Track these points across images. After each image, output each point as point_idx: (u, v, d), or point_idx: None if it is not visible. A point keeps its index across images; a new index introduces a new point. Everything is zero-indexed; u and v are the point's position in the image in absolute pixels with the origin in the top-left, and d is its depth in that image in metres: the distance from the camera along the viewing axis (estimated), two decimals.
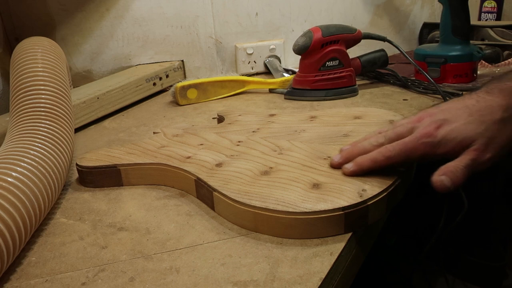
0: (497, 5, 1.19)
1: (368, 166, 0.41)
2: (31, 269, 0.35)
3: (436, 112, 0.42)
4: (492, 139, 0.39)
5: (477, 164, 0.38)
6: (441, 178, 0.38)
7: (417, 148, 0.39)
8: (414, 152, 0.40)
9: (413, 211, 0.88)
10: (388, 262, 0.93)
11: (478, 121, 0.39)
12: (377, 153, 0.41)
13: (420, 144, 0.39)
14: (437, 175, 0.38)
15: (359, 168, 0.41)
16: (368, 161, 0.41)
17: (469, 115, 0.40)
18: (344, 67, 0.77)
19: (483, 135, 0.38)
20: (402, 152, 0.40)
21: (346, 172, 0.41)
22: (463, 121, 0.39)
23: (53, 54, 0.59)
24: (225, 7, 0.93)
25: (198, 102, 0.81)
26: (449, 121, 0.40)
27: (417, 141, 0.40)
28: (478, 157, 0.38)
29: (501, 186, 0.92)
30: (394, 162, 0.40)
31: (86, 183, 0.49)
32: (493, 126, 0.39)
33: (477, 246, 0.98)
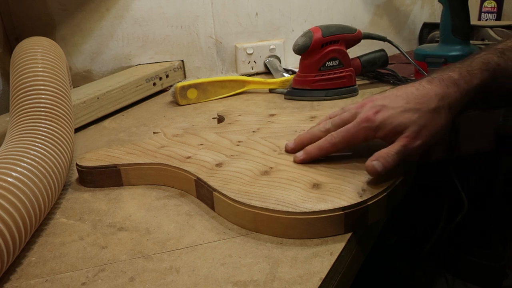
0: (497, 5, 1.18)
1: (316, 154, 0.44)
2: (31, 269, 0.35)
3: (377, 98, 0.44)
4: (424, 126, 0.41)
5: (408, 150, 0.41)
6: (373, 163, 0.40)
7: (359, 132, 0.42)
8: (356, 136, 0.43)
9: (413, 211, 0.88)
10: (388, 262, 0.93)
11: (414, 109, 0.41)
12: (323, 141, 0.44)
13: (361, 128, 0.42)
14: (369, 160, 0.40)
15: (308, 156, 0.44)
16: (316, 149, 0.44)
17: (406, 102, 0.42)
18: (344, 67, 0.77)
19: (415, 122, 0.41)
20: (345, 138, 0.43)
21: (297, 161, 0.44)
22: (400, 108, 0.42)
23: (53, 54, 0.59)
24: (225, 7, 0.93)
25: (198, 102, 0.81)
26: (387, 107, 0.42)
27: (358, 126, 0.42)
28: (408, 143, 0.40)
29: (501, 186, 0.92)
30: (340, 148, 0.43)
31: (86, 183, 0.49)
32: (426, 114, 0.41)
33: (477, 246, 0.98)
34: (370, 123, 0.42)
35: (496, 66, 0.42)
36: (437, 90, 0.42)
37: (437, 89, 0.42)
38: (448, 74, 0.43)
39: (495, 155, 0.83)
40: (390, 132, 0.41)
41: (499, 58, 0.43)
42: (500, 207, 0.94)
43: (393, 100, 0.43)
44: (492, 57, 0.43)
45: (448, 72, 0.44)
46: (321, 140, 0.44)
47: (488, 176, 0.92)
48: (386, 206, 0.39)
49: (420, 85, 0.43)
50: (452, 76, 0.43)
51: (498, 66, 0.42)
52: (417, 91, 0.43)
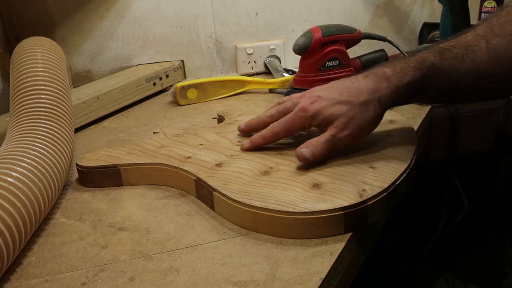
0: (497, 5, 1.18)
1: (260, 143, 0.48)
2: (31, 269, 0.35)
3: (316, 89, 0.48)
4: (353, 118, 0.43)
5: (336, 139, 0.44)
6: (302, 150, 0.43)
7: (296, 121, 0.46)
8: (294, 125, 0.46)
9: (413, 211, 0.88)
10: (388, 262, 0.93)
11: (345, 101, 0.44)
12: (266, 131, 0.48)
13: (298, 118, 0.46)
14: (299, 148, 0.44)
15: (253, 144, 0.48)
16: (259, 138, 0.48)
17: (339, 95, 0.45)
18: (344, 67, 0.77)
19: (345, 114, 0.44)
20: (285, 127, 0.47)
21: (243, 148, 0.49)
22: (333, 100, 0.45)
23: (53, 54, 0.59)
24: (225, 7, 0.93)
25: (198, 102, 0.81)
26: (322, 98, 0.45)
27: (295, 115, 0.46)
28: (337, 133, 0.44)
29: (501, 186, 0.92)
30: (281, 136, 0.48)
31: (86, 183, 0.49)
32: (356, 107, 0.44)
33: (477, 246, 0.98)
34: (305, 112, 0.45)
35: (431, 66, 0.44)
36: (369, 84, 0.45)
37: (369, 83, 0.45)
38: (383, 70, 0.46)
39: (495, 155, 0.83)
40: (322, 121, 0.45)
41: (435, 58, 0.44)
42: (500, 207, 0.94)
43: (329, 92, 0.46)
44: (429, 56, 0.45)
45: (383, 67, 0.46)
46: (264, 130, 0.49)
47: (488, 176, 0.92)
48: (386, 206, 0.39)
49: (356, 79, 0.46)
50: (386, 72, 0.45)
51: (432, 66, 0.44)
52: (351, 85, 0.46)
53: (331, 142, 0.44)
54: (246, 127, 0.52)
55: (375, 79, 0.45)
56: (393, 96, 0.44)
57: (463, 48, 0.44)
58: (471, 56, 0.43)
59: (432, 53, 0.45)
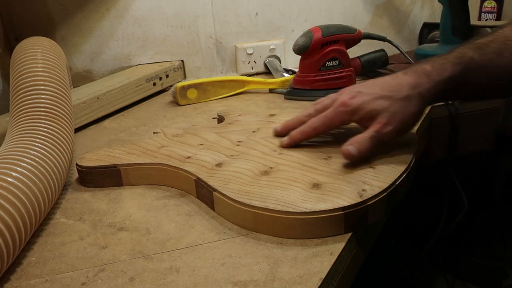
0: (497, 5, 1.18)
1: (299, 138, 0.48)
2: (31, 269, 0.35)
3: (356, 85, 0.48)
4: (395, 113, 0.43)
5: (380, 135, 0.43)
6: (348, 147, 0.43)
7: (336, 116, 0.46)
8: (334, 120, 0.46)
9: (413, 211, 0.88)
10: (388, 262, 0.93)
11: (386, 96, 0.44)
12: (305, 126, 0.48)
13: (338, 112, 0.45)
14: (345, 145, 0.43)
15: (292, 140, 0.48)
16: (299, 133, 0.48)
17: (380, 90, 0.45)
18: (344, 67, 0.77)
19: (387, 109, 0.43)
20: (325, 122, 0.46)
21: (283, 145, 0.49)
22: (374, 95, 0.45)
23: (53, 54, 0.59)
24: (225, 7, 0.93)
25: (198, 102, 0.81)
26: (363, 93, 0.45)
27: (335, 110, 0.46)
28: (381, 128, 0.43)
29: (501, 186, 0.92)
30: (320, 131, 0.47)
31: (86, 183, 0.49)
32: (398, 102, 0.44)
33: (477, 246, 0.98)
34: (346, 107, 0.45)
35: (470, 61, 0.44)
36: (409, 80, 0.45)
37: (409, 79, 0.45)
38: (422, 66, 0.46)
39: (495, 155, 0.83)
40: (364, 116, 0.44)
41: (474, 53, 0.44)
42: (500, 207, 0.94)
43: (369, 87, 0.46)
44: (467, 51, 0.45)
45: (423, 64, 0.46)
46: (303, 125, 0.48)
47: (488, 176, 0.92)
48: (386, 206, 0.39)
49: (396, 75, 0.46)
50: (426, 68, 0.45)
51: (471, 61, 0.44)
52: (392, 80, 0.46)
53: (376, 138, 0.43)
54: (283, 128, 0.51)
55: (415, 75, 0.45)
56: (434, 91, 0.44)
57: (502, 43, 0.44)
58: (510, 51, 0.43)
59: (471, 48, 0.45)
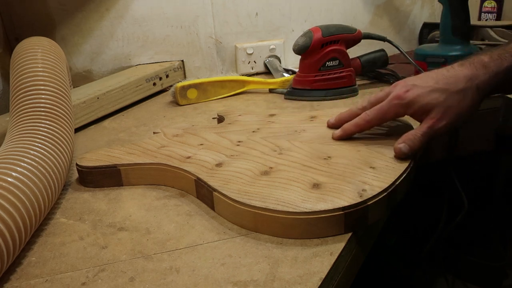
0: (497, 5, 1.18)
1: (352, 130, 0.48)
2: (31, 269, 0.35)
3: (410, 78, 0.47)
4: (450, 107, 0.43)
5: (433, 131, 0.43)
6: (400, 145, 0.43)
7: (390, 109, 0.46)
8: (388, 113, 0.46)
9: (413, 211, 0.88)
10: (388, 262, 0.93)
11: (442, 89, 0.44)
12: (359, 119, 0.48)
13: (392, 105, 0.45)
14: (397, 143, 0.43)
15: (345, 132, 0.48)
16: (352, 126, 0.48)
17: (435, 83, 0.44)
18: (344, 67, 0.77)
19: (442, 103, 0.43)
20: (378, 115, 0.46)
21: (335, 137, 0.49)
22: (429, 87, 0.44)
23: (53, 54, 0.59)
24: (225, 7, 0.93)
25: (198, 102, 0.81)
26: (417, 86, 0.45)
27: (389, 103, 0.46)
28: (434, 124, 0.43)
29: (501, 186, 0.92)
30: (374, 124, 0.47)
31: (86, 183, 0.49)
32: (453, 95, 0.43)
33: (477, 246, 0.98)
34: (400, 100, 0.45)
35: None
36: (466, 72, 0.44)
37: (466, 71, 0.44)
38: (479, 57, 0.45)
39: (495, 155, 0.83)
40: (418, 110, 0.44)
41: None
42: (500, 207, 0.94)
43: (424, 80, 0.45)
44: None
45: (479, 55, 0.45)
46: (356, 118, 0.48)
47: (488, 176, 0.92)
48: (386, 206, 0.39)
49: (452, 67, 0.46)
50: (483, 59, 0.45)
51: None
52: (447, 73, 0.45)
53: (428, 135, 0.43)
54: (336, 120, 0.51)
55: (471, 66, 0.45)
56: (492, 82, 0.44)
57: None
58: None
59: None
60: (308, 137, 0.51)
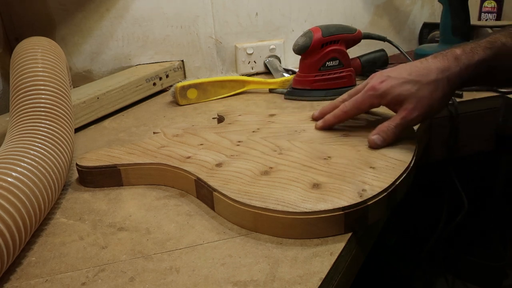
0: (497, 5, 1.18)
1: (332, 121, 0.51)
2: (31, 269, 0.35)
3: (386, 70, 0.49)
4: (422, 98, 0.44)
5: (406, 122, 0.45)
6: (373, 137, 0.44)
7: (365, 100, 0.47)
8: (363, 103, 0.48)
9: (413, 211, 0.88)
10: (388, 262, 0.93)
11: (414, 81, 0.45)
12: (338, 110, 0.50)
13: (367, 96, 0.47)
14: (371, 135, 0.45)
15: (326, 123, 0.51)
16: (331, 117, 0.51)
17: (408, 74, 0.46)
18: (344, 67, 0.77)
19: (414, 95, 0.44)
20: (355, 105, 0.48)
21: (317, 127, 0.52)
22: (402, 79, 0.46)
23: (53, 54, 0.59)
24: (225, 7, 0.93)
25: (198, 102, 0.81)
26: (391, 77, 0.46)
27: (365, 94, 0.48)
28: (407, 115, 0.45)
29: (501, 186, 0.92)
30: (351, 114, 0.49)
31: (86, 183, 0.49)
32: (425, 86, 0.45)
33: (477, 246, 0.98)
34: (374, 91, 0.47)
35: (502, 46, 0.45)
36: (438, 64, 0.45)
37: (438, 63, 0.45)
38: (453, 50, 0.46)
39: (495, 155, 0.83)
40: (391, 100, 0.46)
41: (507, 38, 0.45)
42: (500, 207, 0.94)
43: (398, 72, 0.47)
44: (500, 37, 0.45)
45: (453, 48, 0.47)
46: (336, 110, 0.51)
47: (488, 176, 0.92)
48: (386, 206, 0.39)
49: (425, 59, 0.47)
50: (456, 51, 0.46)
51: (503, 46, 0.45)
52: (420, 64, 0.47)
53: (401, 126, 0.45)
54: (320, 113, 0.54)
55: (444, 58, 0.46)
56: (463, 75, 0.45)
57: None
58: None
59: (504, 34, 0.46)
60: (308, 137, 0.51)
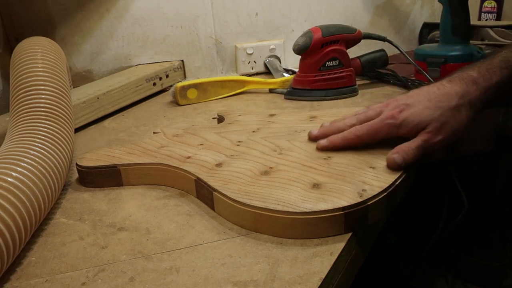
0: (497, 5, 1.19)
1: (339, 143, 0.46)
2: (31, 269, 0.35)
3: (401, 97, 0.47)
4: (445, 123, 0.43)
5: (428, 145, 0.43)
6: (393, 156, 0.42)
7: (382, 128, 0.44)
8: (379, 132, 0.45)
9: (413, 211, 0.88)
10: (388, 262, 0.93)
11: (435, 107, 0.43)
12: (348, 133, 0.46)
13: (385, 125, 0.44)
14: (391, 153, 0.42)
15: (332, 144, 0.46)
16: (340, 139, 0.46)
17: (428, 101, 0.44)
18: (344, 67, 0.77)
19: (437, 119, 0.43)
20: (370, 131, 0.45)
21: (319, 147, 0.47)
22: (422, 106, 0.44)
23: (53, 54, 0.59)
24: (225, 7, 0.93)
25: (198, 102, 0.81)
26: (410, 105, 0.44)
27: (382, 122, 0.44)
28: (429, 138, 0.43)
29: (501, 186, 0.92)
30: (364, 140, 0.45)
31: (86, 183, 0.49)
32: (447, 111, 0.43)
33: (477, 246, 0.98)
34: (393, 120, 0.44)
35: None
36: (457, 88, 0.44)
37: (457, 88, 0.44)
38: (468, 73, 0.45)
39: (495, 155, 0.83)
40: (412, 129, 0.43)
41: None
42: (500, 207, 0.94)
43: (416, 99, 0.45)
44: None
45: (467, 71, 0.45)
46: (346, 131, 0.46)
47: (488, 176, 0.92)
48: (386, 206, 0.39)
49: (441, 84, 0.45)
50: (472, 74, 0.45)
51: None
52: (438, 90, 0.45)
53: (422, 148, 0.42)
54: (321, 134, 0.48)
55: (462, 83, 0.44)
56: (483, 98, 0.44)
57: None
58: None
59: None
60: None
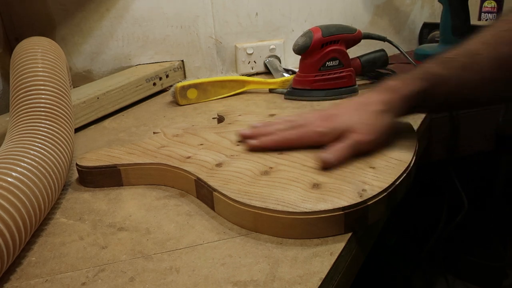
0: (497, 5, 1.18)
1: (270, 146, 0.48)
2: (31, 269, 0.35)
3: (330, 108, 0.50)
4: (372, 125, 0.45)
5: (359, 144, 0.44)
6: (323, 155, 0.43)
7: (311, 136, 0.47)
8: (308, 139, 0.47)
9: (413, 211, 0.88)
10: (388, 262, 0.93)
11: (362, 112, 0.46)
12: (279, 137, 0.48)
13: (313, 133, 0.47)
14: (321, 152, 0.43)
15: (263, 144, 0.48)
16: (270, 141, 0.48)
17: (355, 109, 0.47)
18: (344, 67, 0.77)
19: (363, 122, 0.45)
20: (299, 137, 0.47)
21: (250, 145, 0.48)
22: (349, 114, 0.47)
23: (53, 54, 0.59)
24: (225, 7, 0.93)
25: (198, 102, 0.81)
26: (339, 115, 0.47)
27: (312, 129, 0.47)
28: (360, 138, 0.44)
29: (501, 186, 0.92)
30: (293, 144, 0.47)
31: (86, 183, 0.49)
32: (372, 115, 0.46)
33: (477, 246, 0.98)
34: (323, 128, 0.46)
35: (434, 76, 0.46)
36: (380, 97, 0.47)
37: (380, 96, 0.47)
38: (389, 84, 0.49)
39: (495, 155, 0.83)
40: (340, 134, 0.45)
41: (439, 68, 0.47)
42: (500, 207, 0.94)
43: (343, 109, 0.48)
44: (433, 66, 0.47)
45: (392, 81, 0.49)
46: (275, 135, 0.48)
47: (488, 176, 0.92)
48: (386, 206, 0.39)
49: (367, 95, 0.49)
50: (395, 84, 0.48)
51: (435, 76, 0.46)
52: (364, 99, 0.48)
53: (353, 147, 0.44)
54: (253, 134, 0.50)
55: (384, 92, 0.48)
56: (403, 105, 0.47)
57: (468, 57, 0.46)
58: (475, 65, 0.44)
59: (436, 63, 0.47)
60: None
